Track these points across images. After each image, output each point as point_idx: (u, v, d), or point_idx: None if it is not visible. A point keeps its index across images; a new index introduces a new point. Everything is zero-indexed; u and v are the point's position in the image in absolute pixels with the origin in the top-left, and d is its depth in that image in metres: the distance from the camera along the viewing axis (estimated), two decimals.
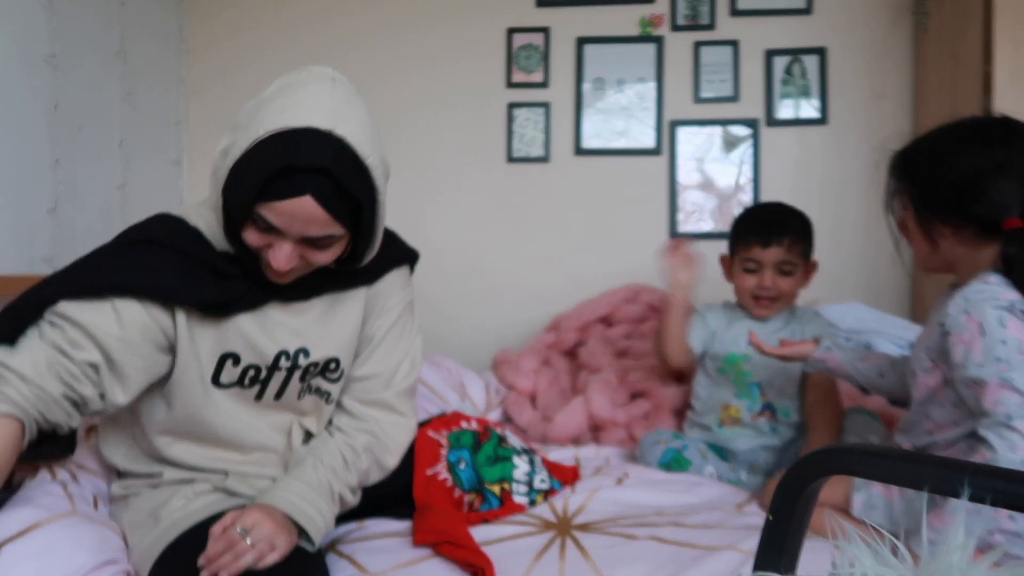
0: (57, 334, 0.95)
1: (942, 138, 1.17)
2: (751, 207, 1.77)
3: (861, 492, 1.19)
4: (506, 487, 1.27)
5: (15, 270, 1.75)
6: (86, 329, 0.95)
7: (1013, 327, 1.05)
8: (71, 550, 0.97)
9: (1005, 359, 1.04)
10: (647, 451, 1.58)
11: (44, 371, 0.92)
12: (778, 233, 1.57)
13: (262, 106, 0.96)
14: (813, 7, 2.48)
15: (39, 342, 0.95)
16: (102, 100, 2.13)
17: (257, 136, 0.92)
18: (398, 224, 2.57)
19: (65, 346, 0.94)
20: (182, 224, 1.06)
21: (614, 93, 2.54)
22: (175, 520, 1.03)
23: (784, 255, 1.57)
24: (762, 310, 1.63)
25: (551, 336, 2.31)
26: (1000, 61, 1.94)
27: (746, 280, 1.62)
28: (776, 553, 0.56)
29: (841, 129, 2.48)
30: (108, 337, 0.96)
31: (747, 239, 1.61)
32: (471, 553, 1.05)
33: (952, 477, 0.49)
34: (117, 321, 0.96)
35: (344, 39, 2.57)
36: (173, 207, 1.14)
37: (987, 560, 0.49)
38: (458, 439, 1.31)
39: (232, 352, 1.06)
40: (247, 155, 0.93)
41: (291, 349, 1.09)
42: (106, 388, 0.97)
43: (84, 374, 0.95)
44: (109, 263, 1.01)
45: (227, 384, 1.08)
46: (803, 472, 0.56)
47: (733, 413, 1.64)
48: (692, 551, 1.08)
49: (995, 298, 1.07)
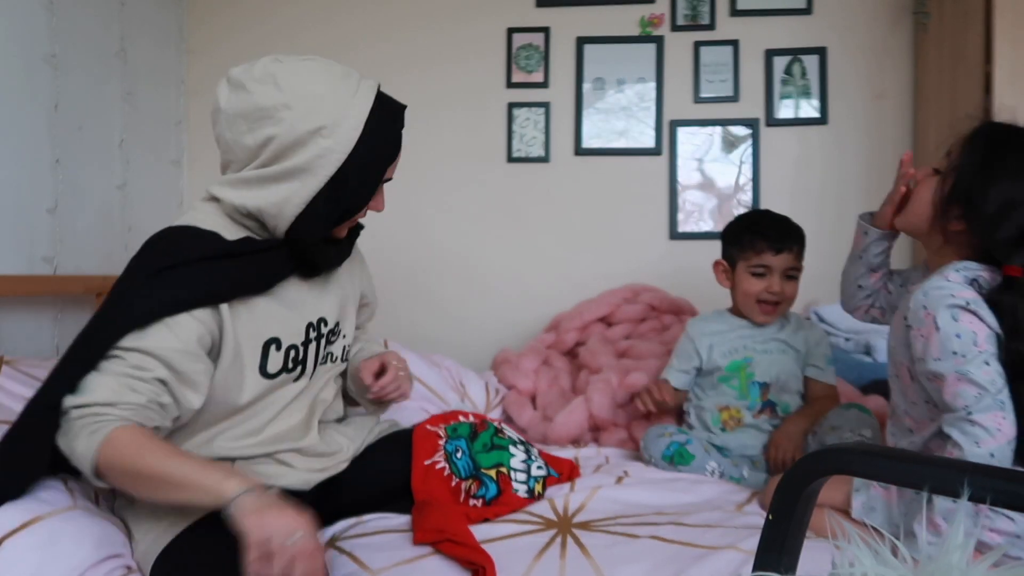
0: (119, 365, 0.98)
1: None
2: (749, 214, 1.77)
3: (860, 494, 1.19)
4: (502, 471, 1.28)
5: (15, 270, 1.76)
6: (147, 351, 0.99)
7: (965, 320, 1.07)
8: (72, 544, 0.97)
9: (960, 352, 1.06)
10: (651, 444, 1.58)
11: (122, 391, 0.97)
12: (788, 240, 1.63)
13: (319, 94, 1.03)
14: (813, 7, 2.48)
15: (105, 376, 0.98)
16: (102, 100, 2.13)
17: (362, 114, 1.04)
18: (398, 224, 2.58)
19: (131, 371, 0.98)
20: (194, 229, 1.08)
21: (614, 93, 2.54)
22: (183, 513, 1.03)
23: (793, 261, 1.64)
24: (765, 316, 1.65)
25: (551, 336, 2.31)
26: (1000, 61, 1.94)
27: (753, 284, 1.63)
28: (776, 553, 0.56)
29: (841, 129, 2.48)
30: (169, 351, 1.00)
31: (757, 245, 1.63)
32: (471, 551, 1.05)
33: (952, 477, 0.49)
34: (174, 336, 1.00)
35: (344, 39, 2.57)
36: (173, 207, 1.15)
37: (987, 560, 0.49)
38: (455, 430, 1.32)
39: (273, 337, 1.11)
40: (372, 128, 1.05)
41: (314, 319, 1.18)
42: (179, 397, 1.02)
43: (156, 389, 1.00)
44: (146, 292, 1.01)
45: (274, 373, 1.12)
46: (803, 472, 0.56)
47: (734, 414, 1.65)
48: (693, 550, 1.08)
49: (951, 295, 1.09)
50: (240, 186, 1.07)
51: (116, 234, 2.20)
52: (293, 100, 1.01)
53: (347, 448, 1.25)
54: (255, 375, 1.10)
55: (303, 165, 1.03)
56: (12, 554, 0.92)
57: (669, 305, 2.29)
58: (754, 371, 1.64)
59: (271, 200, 1.05)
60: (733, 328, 1.69)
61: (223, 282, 1.04)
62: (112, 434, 0.93)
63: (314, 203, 1.05)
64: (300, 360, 1.16)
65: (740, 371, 1.64)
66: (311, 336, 1.17)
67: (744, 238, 1.66)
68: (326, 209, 1.07)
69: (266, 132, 1.02)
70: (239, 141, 1.06)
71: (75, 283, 1.87)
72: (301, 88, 1.02)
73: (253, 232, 1.12)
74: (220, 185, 1.10)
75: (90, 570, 0.97)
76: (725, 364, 1.65)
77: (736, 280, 1.67)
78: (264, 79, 1.03)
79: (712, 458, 1.54)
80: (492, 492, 1.25)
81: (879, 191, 2.07)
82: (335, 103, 1.03)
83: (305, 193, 1.04)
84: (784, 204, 2.48)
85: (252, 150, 1.05)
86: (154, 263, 1.02)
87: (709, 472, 1.52)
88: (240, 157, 1.08)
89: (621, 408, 1.85)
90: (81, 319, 2.01)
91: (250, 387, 1.10)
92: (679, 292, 2.38)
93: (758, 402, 1.63)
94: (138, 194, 2.30)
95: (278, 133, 1.02)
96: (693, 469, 1.52)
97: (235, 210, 1.10)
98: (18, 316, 1.80)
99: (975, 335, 1.07)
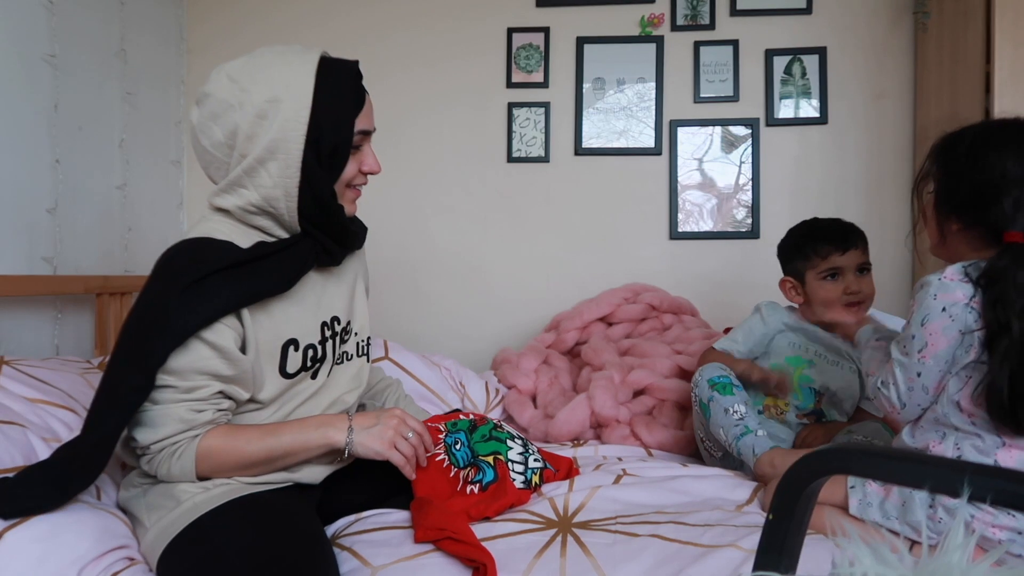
0: (175, 393, 1.03)
1: (983, 135, 1.15)
2: (801, 225, 1.69)
3: (856, 491, 1.20)
4: (500, 458, 1.29)
5: (15, 270, 1.76)
6: (194, 369, 1.03)
7: (930, 328, 1.10)
8: (73, 536, 0.98)
9: (908, 349, 1.14)
10: (708, 369, 1.57)
11: (189, 416, 1.03)
12: (852, 236, 1.60)
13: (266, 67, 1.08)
14: (813, 7, 2.48)
15: (167, 408, 1.03)
16: (102, 100, 2.13)
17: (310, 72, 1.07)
18: (398, 223, 2.58)
19: (188, 396, 1.04)
20: (209, 240, 1.09)
21: (614, 93, 2.54)
22: (196, 503, 1.04)
23: (861, 256, 1.59)
24: (856, 315, 1.58)
25: (551, 336, 2.31)
26: (1000, 61, 1.94)
27: (830, 290, 1.58)
28: (776, 553, 0.56)
29: (841, 129, 2.48)
30: (213, 361, 1.04)
31: (822, 249, 1.58)
32: (472, 548, 1.05)
33: (952, 477, 0.49)
34: (213, 347, 1.04)
35: (343, 39, 2.57)
36: (173, 207, 1.15)
37: (987, 560, 0.49)
38: (455, 424, 1.35)
39: (291, 339, 1.14)
40: (323, 82, 1.07)
41: (327, 318, 1.21)
42: (235, 395, 1.09)
43: (216, 401, 1.07)
44: (179, 309, 1.01)
45: (293, 372, 1.16)
46: (803, 472, 0.56)
47: (781, 406, 1.62)
48: (693, 549, 1.08)
49: (936, 294, 1.10)
50: (235, 187, 1.10)
51: (116, 234, 2.20)
52: (245, 82, 1.07)
53: None
54: (275, 375, 1.14)
55: (276, 136, 1.06)
56: (13, 546, 0.93)
57: (669, 305, 2.29)
58: (811, 375, 1.60)
59: (269, 184, 1.08)
60: (806, 329, 1.65)
61: (245, 288, 1.06)
62: (200, 451, 1.04)
63: (306, 166, 1.08)
64: (319, 358, 1.19)
65: (796, 369, 1.61)
66: (326, 335, 1.21)
67: (806, 247, 1.61)
68: (319, 169, 1.10)
69: (232, 119, 1.07)
70: (213, 140, 1.10)
71: (75, 283, 1.87)
72: (250, 72, 1.08)
73: (267, 232, 1.14)
74: (218, 195, 1.13)
75: (92, 563, 0.98)
76: (784, 357, 1.62)
77: (810, 292, 1.61)
78: (218, 79, 1.10)
79: (744, 405, 1.50)
80: (490, 477, 1.25)
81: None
82: (283, 70, 1.08)
83: (293, 161, 1.07)
84: (784, 204, 2.49)
85: (226, 145, 1.09)
86: (181, 278, 1.02)
87: (732, 411, 1.48)
88: (220, 158, 1.11)
89: (624, 405, 1.86)
90: (81, 319, 2.01)
91: (270, 387, 1.14)
92: (679, 292, 2.38)
93: (810, 406, 1.61)
94: (138, 194, 2.30)
95: (241, 116, 1.06)
96: (724, 401, 1.49)
97: (243, 211, 1.12)
98: (18, 316, 1.80)
99: (925, 345, 1.11)
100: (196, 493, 1.06)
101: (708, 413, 1.52)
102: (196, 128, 1.11)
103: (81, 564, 0.96)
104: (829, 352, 1.64)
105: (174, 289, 1.01)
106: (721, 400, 1.50)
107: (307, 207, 1.11)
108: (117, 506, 1.16)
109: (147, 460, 1.06)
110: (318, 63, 1.09)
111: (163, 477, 1.06)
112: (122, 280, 2.05)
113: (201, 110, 1.10)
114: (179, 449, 1.04)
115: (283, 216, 1.12)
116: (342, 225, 1.17)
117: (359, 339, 1.31)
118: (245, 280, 1.06)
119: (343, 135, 1.11)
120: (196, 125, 1.11)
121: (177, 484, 1.07)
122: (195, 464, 1.04)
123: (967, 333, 1.08)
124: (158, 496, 1.07)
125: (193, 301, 1.01)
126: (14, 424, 1.16)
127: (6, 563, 0.91)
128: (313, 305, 1.20)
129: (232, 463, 1.06)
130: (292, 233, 1.15)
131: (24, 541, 0.94)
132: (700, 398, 1.56)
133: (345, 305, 1.27)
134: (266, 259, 1.09)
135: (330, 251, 1.18)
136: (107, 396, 1.01)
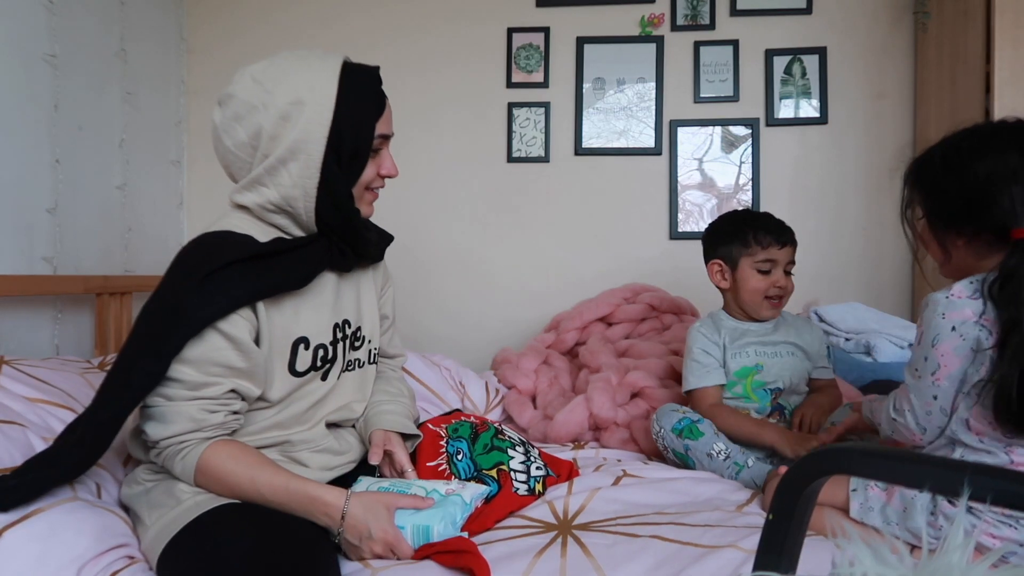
0: (184, 390, 1.03)
1: (954, 145, 1.15)
2: (736, 213, 1.73)
3: (858, 494, 1.19)
4: (503, 468, 1.28)
5: (15, 270, 1.76)
6: (208, 359, 1.03)
7: (942, 349, 1.09)
8: (73, 535, 0.98)
9: (921, 372, 1.12)
10: (663, 416, 1.58)
11: (201, 415, 1.04)
12: (788, 233, 1.64)
13: (290, 70, 1.09)
14: (813, 7, 2.48)
15: (181, 405, 1.04)
16: (102, 100, 2.13)
17: (334, 75, 1.09)
18: (397, 223, 2.57)
19: (201, 394, 1.04)
20: (228, 234, 1.11)
21: (614, 93, 2.54)
22: (198, 502, 1.05)
23: (792, 255, 1.64)
24: (774, 310, 1.65)
25: (551, 336, 2.31)
26: (1000, 61, 1.94)
27: (760, 281, 1.62)
28: (776, 553, 0.56)
29: (841, 129, 2.48)
30: (227, 352, 1.05)
31: (764, 240, 1.61)
32: (464, 557, 1.05)
33: (952, 477, 0.49)
34: (229, 337, 1.04)
35: (344, 40, 2.57)
36: (173, 207, 1.15)
37: (987, 560, 0.49)
38: (456, 429, 1.33)
39: (302, 336, 1.14)
40: (346, 86, 1.09)
41: (339, 320, 1.22)
42: (246, 393, 1.09)
43: (227, 401, 1.07)
44: (196, 299, 1.02)
45: (303, 371, 1.15)
46: (803, 472, 0.56)
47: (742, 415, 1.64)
48: (693, 549, 1.08)
49: (944, 313, 1.09)
50: (256, 185, 1.12)
51: (116, 234, 2.20)
52: (270, 84, 1.08)
53: (356, 448, 1.28)
54: (284, 373, 1.14)
55: (299, 137, 1.07)
56: (13, 545, 0.92)
57: (669, 305, 2.29)
58: (764, 378, 1.62)
59: (288, 183, 1.09)
60: (742, 332, 1.66)
61: (262, 281, 1.07)
62: (200, 462, 1.04)
63: (326, 168, 1.09)
64: (329, 359, 1.19)
65: (747, 377, 1.63)
66: (338, 336, 1.21)
67: (747, 235, 1.63)
68: (338, 171, 1.11)
69: (255, 120, 1.08)
70: (236, 141, 1.11)
71: (75, 283, 1.87)
72: (274, 74, 1.09)
73: (285, 231, 1.15)
74: (239, 192, 1.14)
75: (91, 561, 0.98)
76: (735, 370, 1.64)
77: (740, 278, 1.64)
78: (242, 81, 1.11)
79: (721, 440, 1.51)
80: (494, 490, 1.25)
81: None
82: (307, 73, 1.09)
83: (314, 162, 1.08)
84: (784, 204, 2.49)
85: (250, 145, 1.10)
86: (200, 268, 1.03)
87: (716, 452, 1.50)
88: (243, 158, 1.12)
89: (622, 407, 1.85)
90: (81, 319, 2.01)
91: (279, 385, 1.13)
92: (679, 292, 2.38)
93: (767, 407, 1.62)
94: (138, 194, 2.30)
95: (265, 117, 1.08)
96: (701, 446, 1.50)
97: (263, 209, 1.13)
98: (18, 316, 1.80)
99: (938, 367, 1.09)
100: (198, 492, 1.06)
101: (691, 462, 1.52)
102: (219, 128, 1.12)
103: (80, 563, 0.96)
104: (766, 346, 1.65)
105: (193, 279, 1.02)
106: (697, 446, 1.51)
107: (324, 208, 1.12)
108: (118, 503, 1.16)
109: (156, 454, 1.07)
110: (341, 67, 1.11)
111: (171, 472, 1.08)
112: (122, 280, 2.05)
113: (224, 111, 1.11)
114: (185, 450, 1.05)
115: (300, 215, 1.12)
116: (355, 229, 1.17)
117: (371, 347, 1.31)
118: (263, 273, 1.07)
119: (363, 138, 1.12)
120: (219, 125, 1.12)
121: (179, 483, 1.07)
122: (195, 476, 1.05)
123: (979, 352, 1.06)
124: (161, 494, 1.08)
125: (211, 291, 1.02)
126: (14, 424, 1.16)
127: (5, 562, 0.91)
128: (326, 306, 1.20)
129: (224, 488, 1.06)
130: (309, 232, 1.16)
131: (23, 540, 0.93)
132: (674, 449, 1.55)
133: (359, 310, 1.28)
134: (284, 255, 1.10)
135: (343, 253, 1.18)
136: (119, 378, 1.01)
